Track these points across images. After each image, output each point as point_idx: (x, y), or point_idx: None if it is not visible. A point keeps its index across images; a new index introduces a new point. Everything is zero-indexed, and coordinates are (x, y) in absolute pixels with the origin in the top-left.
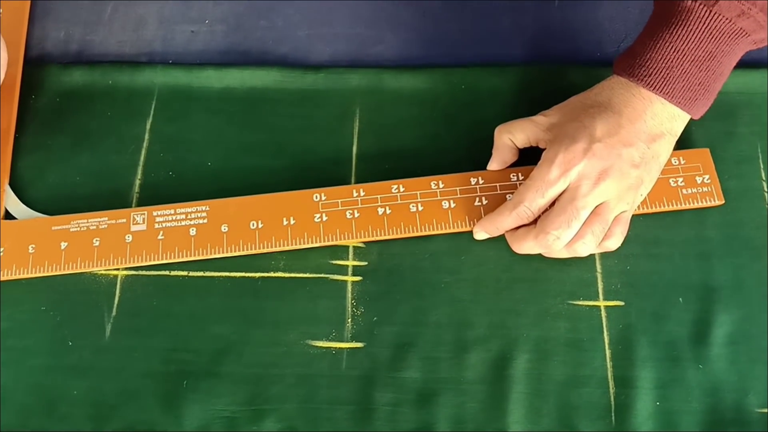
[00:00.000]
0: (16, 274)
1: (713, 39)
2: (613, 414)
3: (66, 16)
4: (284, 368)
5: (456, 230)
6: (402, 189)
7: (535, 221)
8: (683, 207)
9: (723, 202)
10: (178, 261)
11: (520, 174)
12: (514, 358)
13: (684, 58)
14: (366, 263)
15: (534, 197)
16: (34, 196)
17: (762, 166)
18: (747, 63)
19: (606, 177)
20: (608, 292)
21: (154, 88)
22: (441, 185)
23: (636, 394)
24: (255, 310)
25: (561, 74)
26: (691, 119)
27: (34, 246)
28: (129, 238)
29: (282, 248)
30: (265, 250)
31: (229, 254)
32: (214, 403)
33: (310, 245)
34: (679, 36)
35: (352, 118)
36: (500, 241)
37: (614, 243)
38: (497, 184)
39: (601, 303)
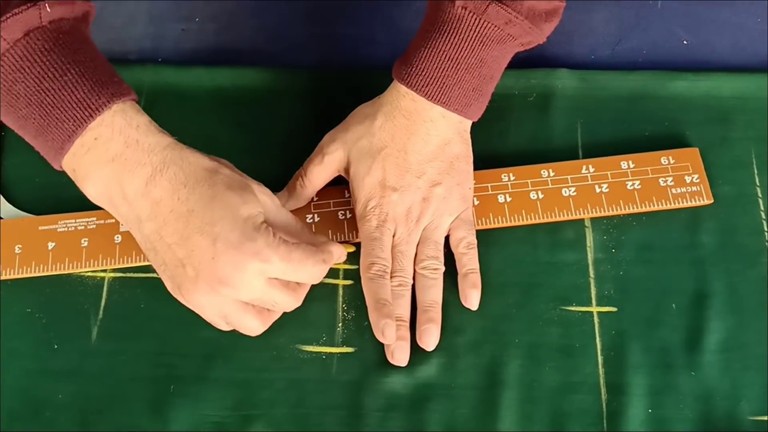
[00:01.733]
0: (3, 274)
1: (484, 46)
2: (605, 421)
3: None
4: (274, 373)
5: None
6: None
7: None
8: (673, 206)
9: (712, 201)
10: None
11: (510, 174)
12: (506, 364)
13: (458, 66)
14: (357, 267)
15: (376, 253)
16: (20, 196)
17: (756, 172)
18: (741, 68)
19: (412, 213)
20: (601, 297)
21: (143, 87)
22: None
23: (628, 401)
24: None
25: (549, 77)
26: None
27: (20, 246)
28: (118, 238)
29: None
30: None
31: None
32: (203, 408)
33: None
34: (452, 44)
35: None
36: (491, 246)
37: (474, 248)
38: (488, 185)
39: (594, 309)
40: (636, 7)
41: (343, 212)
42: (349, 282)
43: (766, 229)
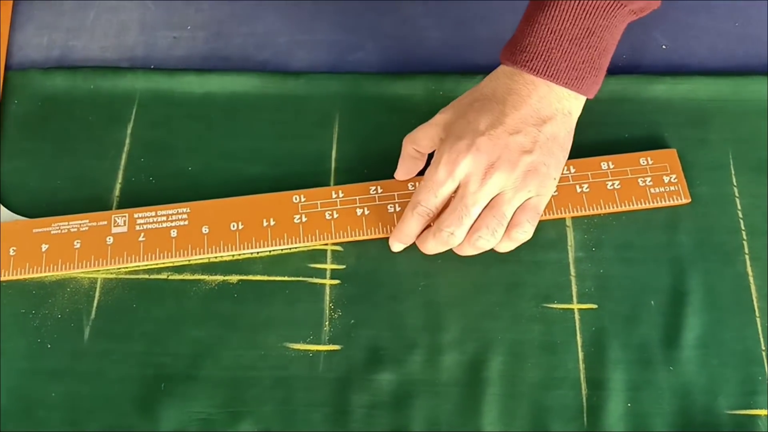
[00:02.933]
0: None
1: (588, 15)
2: (585, 415)
3: (49, 21)
4: (261, 371)
5: None
6: (380, 190)
7: None
8: (652, 206)
9: (689, 200)
10: (159, 263)
11: None
12: (489, 361)
13: (562, 38)
14: (344, 267)
15: (428, 197)
16: (15, 200)
17: (733, 172)
18: (719, 71)
19: (494, 170)
20: (582, 295)
21: (136, 93)
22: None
23: (608, 396)
24: (233, 313)
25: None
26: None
27: (15, 248)
28: (110, 240)
29: (262, 249)
30: (246, 251)
31: (211, 255)
32: (191, 406)
33: (290, 246)
34: (553, 17)
35: (332, 124)
36: None
37: (522, 233)
38: None
39: (575, 306)
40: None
41: (330, 213)
42: (336, 282)
43: (742, 228)
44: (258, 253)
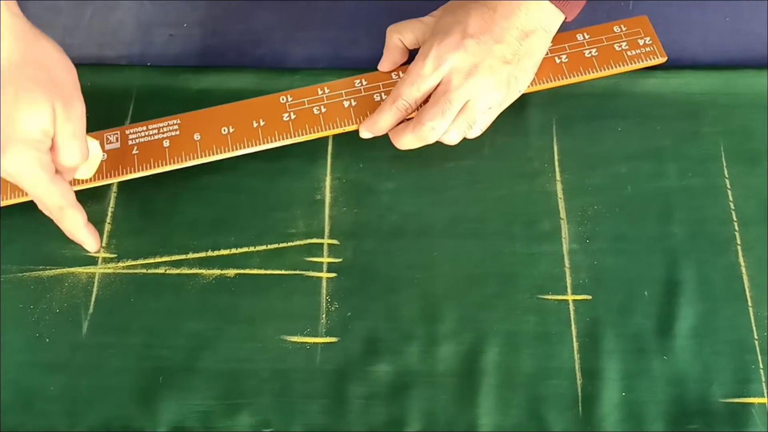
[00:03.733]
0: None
1: None
2: (580, 405)
3: (46, 20)
4: (259, 363)
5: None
6: (365, 82)
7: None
8: (630, 67)
9: (666, 59)
10: (155, 261)
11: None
12: (485, 352)
13: None
14: (341, 260)
15: (410, 91)
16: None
17: (725, 164)
18: (710, 65)
19: (476, 72)
20: (576, 286)
21: (132, 90)
22: (402, 75)
23: (603, 385)
24: (231, 306)
25: None
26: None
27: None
28: (104, 156)
29: (255, 148)
30: (239, 152)
31: (204, 159)
32: (190, 398)
33: (282, 142)
34: None
35: None
36: (472, 238)
37: (474, 134)
38: None
39: (570, 297)
40: (608, 8)
41: (317, 108)
42: (333, 275)
43: (734, 218)
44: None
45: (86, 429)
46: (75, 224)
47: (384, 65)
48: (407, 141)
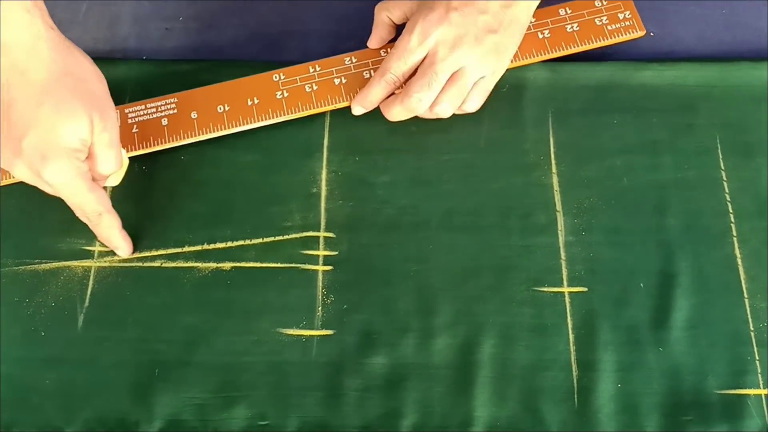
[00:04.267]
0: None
1: None
2: (575, 396)
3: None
4: (255, 356)
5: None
6: (354, 60)
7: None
8: (610, 41)
9: (645, 32)
10: (151, 255)
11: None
12: (480, 344)
13: None
14: (336, 253)
15: (398, 65)
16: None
17: (721, 157)
18: (706, 58)
19: (461, 43)
20: (572, 278)
21: (129, 83)
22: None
23: (598, 377)
24: (227, 300)
25: (521, 69)
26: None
27: None
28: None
29: (250, 125)
30: (234, 129)
31: (202, 137)
32: (185, 391)
33: (276, 120)
34: None
35: (323, 116)
36: (468, 231)
37: (472, 106)
38: None
39: (565, 289)
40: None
41: (309, 86)
42: (329, 268)
43: (730, 210)
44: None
45: (82, 423)
46: (111, 229)
47: (373, 42)
48: (396, 112)
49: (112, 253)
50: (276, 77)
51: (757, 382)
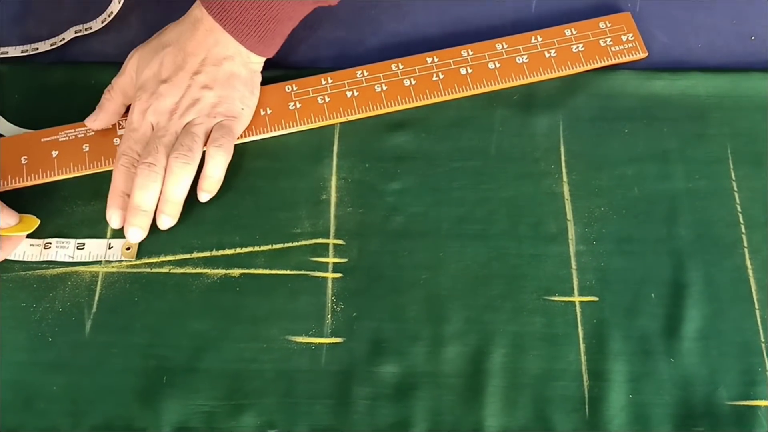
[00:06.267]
0: (12, 184)
1: None
2: (586, 406)
3: (50, 16)
4: (264, 363)
5: (418, 103)
6: (366, 73)
7: None
8: (614, 62)
9: (647, 54)
10: (160, 260)
11: (470, 50)
12: (491, 353)
13: None
14: (346, 260)
15: (129, 144)
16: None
17: (732, 167)
18: (717, 68)
19: (180, 108)
20: (583, 288)
21: None
22: (401, 66)
23: (609, 387)
24: (235, 306)
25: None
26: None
27: (26, 157)
28: (116, 141)
29: (263, 135)
30: (248, 139)
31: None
32: (193, 399)
33: (288, 131)
34: None
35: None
36: (478, 239)
37: (219, 144)
38: (451, 60)
39: (576, 299)
40: (615, 11)
41: (322, 98)
42: (338, 275)
43: (741, 221)
44: (260, 243)
45: (88, 429)
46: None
47: (97, 123)
48: (140, 183)
49: (121, 259)
50: (288, 88)
51: None
